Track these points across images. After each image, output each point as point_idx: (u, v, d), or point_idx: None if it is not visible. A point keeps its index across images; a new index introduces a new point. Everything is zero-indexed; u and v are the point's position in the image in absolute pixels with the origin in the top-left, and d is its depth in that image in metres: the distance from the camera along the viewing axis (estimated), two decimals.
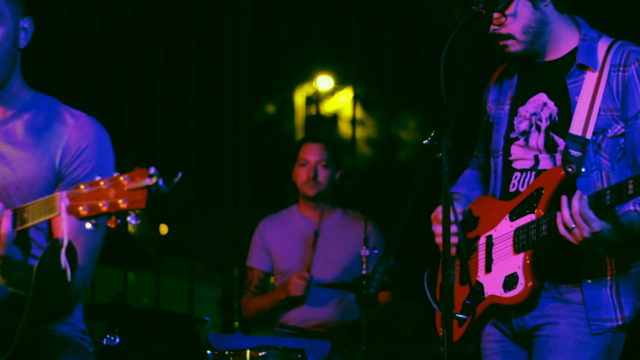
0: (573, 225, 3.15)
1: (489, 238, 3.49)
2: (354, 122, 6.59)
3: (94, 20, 6.35)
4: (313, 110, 7.28)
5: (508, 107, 3.54)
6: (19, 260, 2.67)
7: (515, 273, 3.35)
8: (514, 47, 3.43)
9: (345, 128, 8.38)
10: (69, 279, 2.55)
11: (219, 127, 6.44)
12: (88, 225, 2.43)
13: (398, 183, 6.44)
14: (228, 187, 6.39)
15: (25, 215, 2.63)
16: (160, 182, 2.33)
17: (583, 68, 3.39)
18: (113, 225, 2.40)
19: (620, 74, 3.35)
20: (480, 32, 3.39)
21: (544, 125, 3.44)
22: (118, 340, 4.50)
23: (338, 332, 5.12)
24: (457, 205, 3.49)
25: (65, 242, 2.49)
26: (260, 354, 4.54)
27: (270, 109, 8.76)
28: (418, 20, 6.54)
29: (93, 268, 2.92)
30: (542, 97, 3.47)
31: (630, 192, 3.03)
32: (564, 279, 3.36)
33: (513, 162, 3.50)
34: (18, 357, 2.73)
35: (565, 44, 3.45)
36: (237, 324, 6.34)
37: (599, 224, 3.13)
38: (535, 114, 3.46)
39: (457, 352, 3.05)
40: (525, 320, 3.41)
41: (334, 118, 8.76)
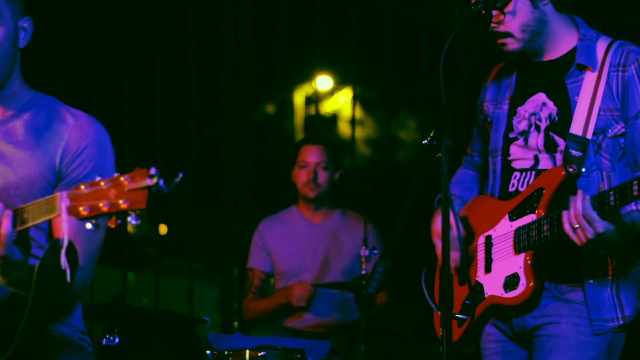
0: (577, 225, 3.15)
1: (488, 238, 3.49)
2: (354, 122, 6.59)
3: (94, 20, 6.34)
4: (312, 110, 7.28)
5: (507, 106, 3.54)
6: (19, 260, 2.67)
7: (516, 273, 3.35)
8: (512, 45, 3.43)
9: (345, 128, 8.37)
10: (69, 279, 2.55)
11: (219, 127, 6.43)
12: (88, 226, 2.43)
13: (397, 183, 6.43)
14: (228, 187, 6.39)
15: (26, 216, 2.62)
16: (161, 182, 2.33)
17: (582, 68, 3.39)
18: (113, 226, 2.40)
19: (620, 74, 3.34)
20: (481, 32, 3.39)
21: (544, 125, 3.43)
22: (117, 340, 4.50)
23: (336, 332, 5.12)
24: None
25: (66, 242, 2.49)
26: (260, 354, 4.54)
27: (270, 109, 8.76)
28: (418, 20, 6.54)
29: (93, 268, 2.92)
30: (541, 96, 3.46)
31: (635, 192, 3.03)
32: (565, 279, 3.36)
33: (512, 162, 3.49)
34: (18, 357, 2.73)
35: (564, 44, 3.45)
36: (236, 324, 6.33)
37: (603, 225, 3.13)
38: (535, 114, 3.46)
39: (456, 352, 3.05)
40: (526, 320, 3.41)
41: (334, 118, 8.75)
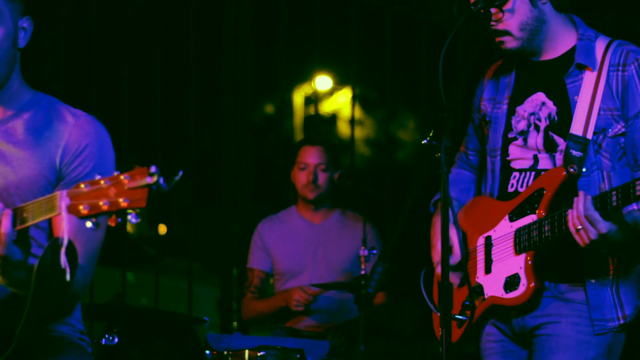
0: (580, 227, 3.15)
1: (488, 239, 3.48)
2: (353, 122, 6.58)
3: (94, 20, 6.34)
4: (312, 111, 7.27)
5: (506, 106, 3.53)
6: (19, 260, 2.66)
7: (517, 274, 3.34)
8: (510, 43, 3.42)
9: (344, 128, 8.37)
10: (69, 279, 2.55)
11: (219, 127, 6.43)
12: (88, 224, 2.42)
13: (397, 183, 6.43)
14: (228, 187, 6.38)
15: (25, 215, 2.62)
16: (161, 180, 2.33)
17: (582, 68, 3.39)
18: (114, 224, 2.40)
19: (620, 74, 3.34)
20: (480, 32, 3.39)
21: (543, 125, 3.43)
22: (117, 340, 4.50)
23: (334, 330, 5.12)
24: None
25: (66, 241, 2.49)
26: (259, 354, 4.54)
27: (270, 109, 8.76)
28: (418, 20, 6.53)
29: (93, 267, 2.92)
30: (540, 96, 3.46)
31: (638, 192, 3.03)
32: (565, 278, 3.36)
33: (511, 162, 3.49)
34: (17, 356, 2.72)
35: (563, 43, 3.44)
36: (235, 324, 6.32)
37: (606, 225, 3.13)
38: (534, 114, 3.45)
39: (456, 352, 3.05)
40: (526, 320, 3.41)
41: (333, 118, 8.75)
